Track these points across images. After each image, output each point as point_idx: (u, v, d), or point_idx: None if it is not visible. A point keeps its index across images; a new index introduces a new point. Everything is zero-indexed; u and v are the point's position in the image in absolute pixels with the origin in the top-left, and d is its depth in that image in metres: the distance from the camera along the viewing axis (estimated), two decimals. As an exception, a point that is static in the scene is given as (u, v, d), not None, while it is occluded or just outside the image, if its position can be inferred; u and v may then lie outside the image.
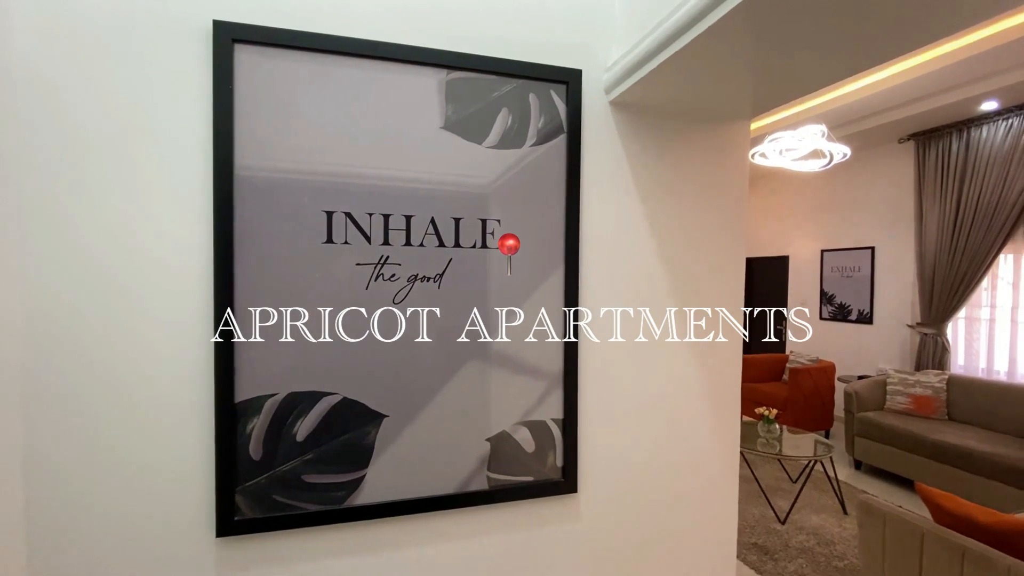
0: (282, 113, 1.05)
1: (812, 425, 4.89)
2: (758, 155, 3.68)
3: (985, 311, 4.26)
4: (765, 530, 3.10)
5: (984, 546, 1.68)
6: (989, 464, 3.26)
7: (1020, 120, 3.93)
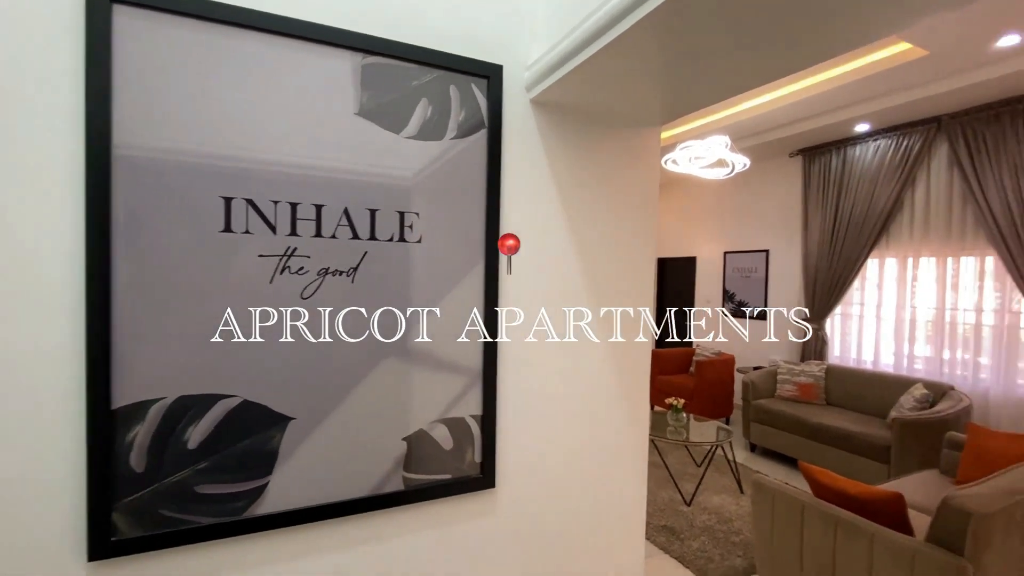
0: (172, 88, 0.94)
1: (715, 413, 5.30)
2: (670, 161, 3.92)
3: (856, 308, 4.86)
4: (673, 512, 3.31)
5: (853, 515, 1.91)
6: (858, 442, 3.73)
7: (886, 141, 4.51)
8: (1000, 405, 3.80)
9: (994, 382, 3.86)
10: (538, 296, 1.32)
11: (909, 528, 1.82)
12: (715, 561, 2.74)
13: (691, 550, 2.85)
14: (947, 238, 4.16)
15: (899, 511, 1.83)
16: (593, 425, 1.42)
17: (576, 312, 1.37)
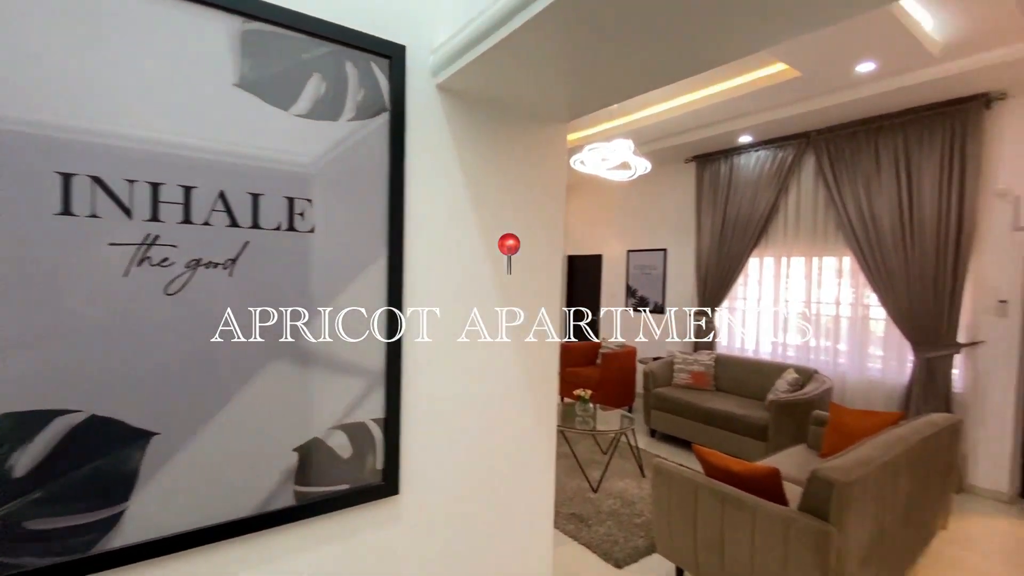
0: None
1: (619, 402, 5.59)
2: (579, 162, 4.04)
3: (740, 302, 5.37)
4: (581, 499, 3.43)
5: (738, 491, 2.08)
6: (742, 423, 4.12)
7: (765, 152, 5.01)
8: (855, 385, 4.40)
9: (850, 366, 4.45)
10: (445, 293, 1.26)
11: (784, 499, 2.02)
12: (620, 544, 2.87)
13: (598, 535, 2.96)
14: (813, 240, 4.72)
15: (776, 485, 2.02)
16: (502, 423, 1.40)
17: (484, 310, 1.34)
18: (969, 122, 3.66)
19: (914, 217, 3.93)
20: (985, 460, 3.70)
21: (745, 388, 4.72)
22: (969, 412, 3.76)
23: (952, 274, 3.74)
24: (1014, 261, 3.59)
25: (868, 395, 4.30)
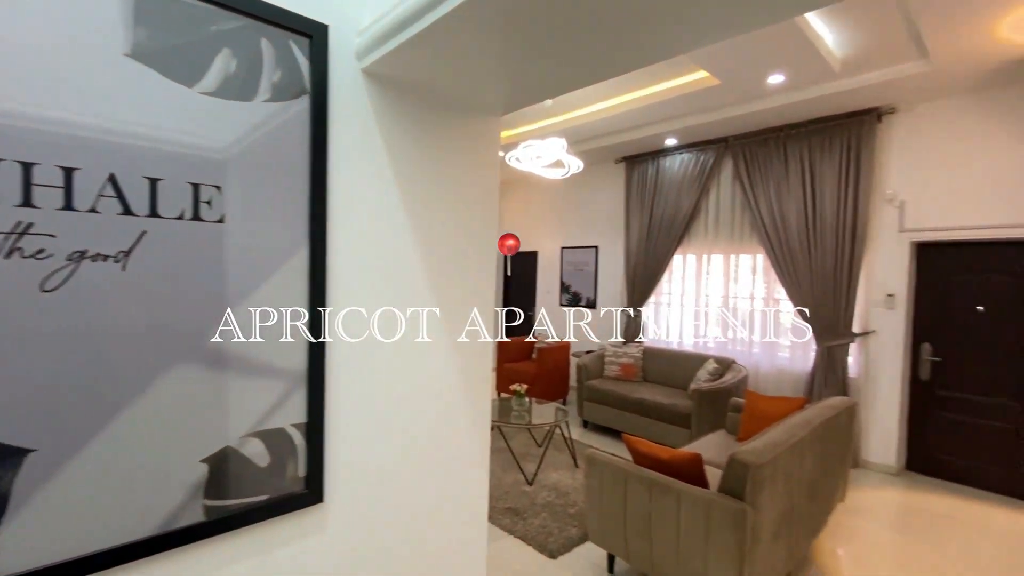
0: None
1: (554, 395, 5.70)
2: (514, 159, 4.05)
3: (665, 297, 5.64)
4: (517, 493, 3.45)
5: (665, 477, 2.18)
6: (668, 412, 4.33)
7: (688, 156, 5.29)
8: (767, 374, 4.77)
9: (762, 355, 4.82)
10: (374, 290, 1.21)
11: (706, 482, 2.14)
12: (554, 535, 2.92)
13: (533, 527, 3.00)
14: (730, 239, 5.05)
15: (698, 469, 2.14)
16: (434, 423, 1.36)
17: (415, 307, 1.29)
18: (864, 133, 4.06)
19: (817, 219, 4.31)
20: (876, 437, 4.15)
21: (670, 378, 4.98)
22: (862, 395, 4.20)
23: (848, 271, 4.14)
24: (900, 259, 4.04)
25: (778, 382, 4.68)
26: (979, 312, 3.78)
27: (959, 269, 3.87)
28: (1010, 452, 3.64)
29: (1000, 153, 3.57)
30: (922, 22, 2.78)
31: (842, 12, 2.89)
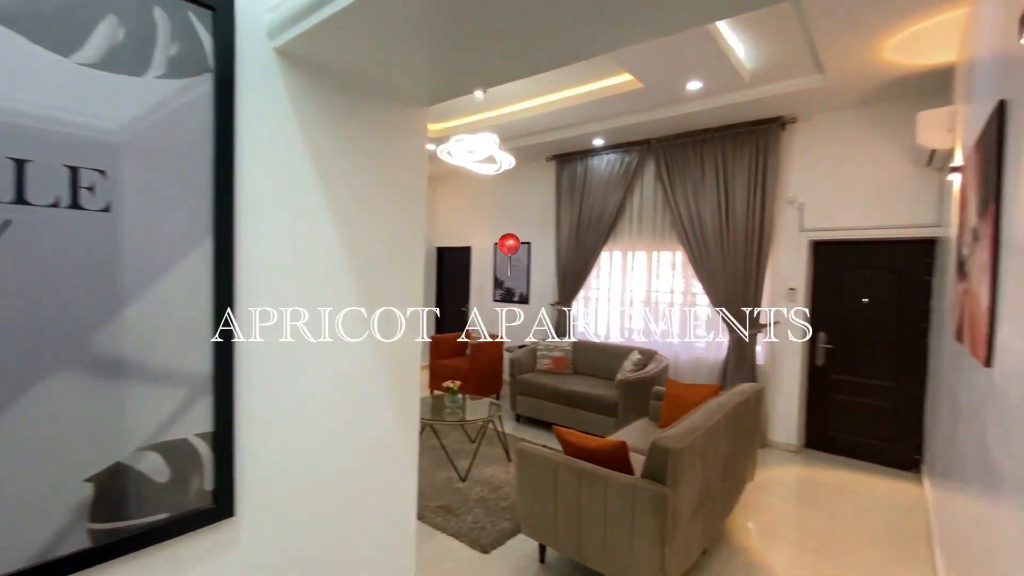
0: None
1: (488, 390, 5.71)
2: (445, 152, 3.99)
3: (594, 292, 5.83)
4: (450, 490, 3.42)
5: (593, 465, 2.24)
6: (596, 402, 4.48)
7: (614, 156, 5.48)
8: (685, 363, 5.07)
9: (681, 346, 5.11)
10: (289, 287, 1.13)
11: (631, 469, 2.23)
12: (487, 529, 2.93)
13: (466, 524, 2.98)
14: (652, 236, 5.31)
15: (623, 457, 2.22)
16: (359, 425, 1.31)
17: (336, 305, 1.23)
18: (770, 140, 4.41)
19: (729, 219, 4.63)
20: (780, 419, 4.54)
21: (599, 370, 5.16)
22: (768, 380, 4.58)
23: (756, 267, 4.49)
24: (800, 256, 4.44)
25: (695, 370, 4.99)
26: (864, 304, 4.25)
27: (848, 265, 4.32)
28: (890, 428, 4.13)
29: (881, 162, 4.03)
30: (819, 41, 3.05)
31: (752, 28, 3.11)
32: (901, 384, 4.08)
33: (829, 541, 2.92)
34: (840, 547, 2.85)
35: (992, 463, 1.47)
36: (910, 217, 3.90)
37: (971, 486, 1.85)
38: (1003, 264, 1.47)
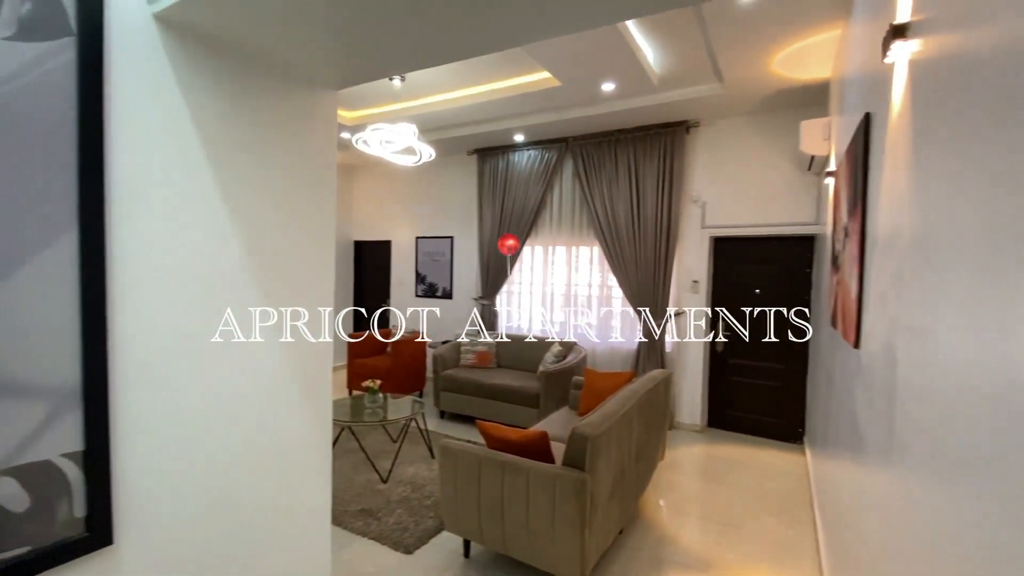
0: None
1: (410, 388, 5.59)
2: (361, 141, 3.82)
3: (516, 286, 5.90)
4: (371, 492, 3.31)
5: (515, 457, 2.27)
6: (519, 395, 4.55)
7: (534, 152, 5.56)
8: (602, 352, 5.29)
9: (598, 336, 5.33)
10: (176, 284, 1.02)
11: (552, 458, 2.29)
12: (410, 530, 2.87)
13: (388, 526, 2.90)
14: (571, 232, 5.47)
15: (545, 446, 2.27)
16: (260, 434, 1.21)
17: (232, 304, 1.13)
18: (676, 142, 4.70)
19: (641, 216, 4.89)
20: (686, 401, 4.89)
21: (522, 363, 5.24)
22: (675, 366, 4.91)
23: (664, 261, 4.79)
24: (702, 251, 4.79)
25: (611, 359, 5.23)
26: (757, 294, 4.68)
27: (743, 259, 4.74)
28: (779, 405, 4.60)
29: (771, 166, 4.45)
30: (719, 51, 3.29)
31: (661, 35, 3.29)
32: (787, 366, 4.56)
33: (730, 512, 3.19)
34: (739, 516, 3.13)
35: (859, 432, 1.68)
36: (794, 216, 4.35)
37: (842, 453, 2.11)
38: (868, 257, 1.68)
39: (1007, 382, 0.61)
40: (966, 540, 0.70)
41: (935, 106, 1.01)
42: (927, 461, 0.92)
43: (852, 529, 1.78)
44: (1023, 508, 0.54)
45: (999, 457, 0.61)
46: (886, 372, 1.32)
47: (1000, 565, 0.60)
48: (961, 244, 0.83)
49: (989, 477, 0.64)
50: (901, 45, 1.25)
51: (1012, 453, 0.57)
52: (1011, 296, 0.62)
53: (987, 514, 0.64)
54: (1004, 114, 0.69)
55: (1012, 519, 0.57)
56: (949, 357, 0.88)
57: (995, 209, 0.69)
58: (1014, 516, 0.56)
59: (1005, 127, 0.68)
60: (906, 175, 1.22)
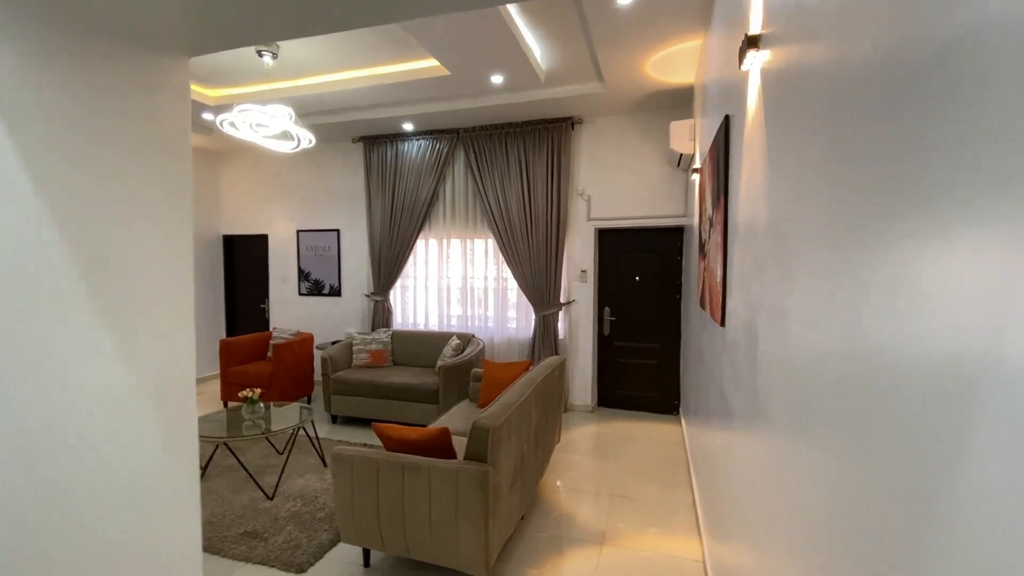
0: None
1: (298, 394, 5.19)
2: (227, 123, 3.41)
3: (411, 280, 5.74)
4: (254, 513, 3.02)
5: (415, 457, 2.20)
6: (417, 392, 4.44)
7: (425, 142, 5.43)
8: (500, 343, 5.36)
9: (495, 328, 5.39)
10: None
11: (454, 453, 2.26)
12: (302, 546, 2.67)
13: (276, 546, 2.67)
14: (466, 225, 5.45)
15: (446, 442, 2.24)
16: (109, 466, 1.02)
17: (62, 314, 0.93)
18: (563, 138, 4.89)
19: (532, 209, 5.02)
20: (578, 384, 5.16)
21: (419, 359, 5.12)
22: (568, 352, 5.14)
23: (555, 252, 4.97)
24: (589, 242, 5.06)
25: (509, 349, 5.33)
26: (637, 281, 5.07)
27: (624, 249, 5.10)
28: (657, 381, 5.04)
29: (646, 162, 4.82)
30: (599, 50, 3.47)
31: (546, 32, 3.37)
32: (664, 344, 5.01)
33: (620, 484, 3.43)
34: (628, 488, 3.38)
35: (727, 401, 1.88)
36: (667, 209, 4.77)
37: (713, 421, 2.36)
38: (731, 245, 1.89)
39: (847, 349, 0.71)
40: (820, 487, 0.81)
41: (781, 109, 1.15)
42: (786, 425, 1.05)
43: (723, 488, 2.00)
44: (860, 456, 0.63)
45: (843, 414, 0.71)
46: (749, 347, 1.49)
47: (845, 504, 0.69)
48: (807, 231, 0.95)
49: (836, 433, 0.75)
50: (754, 55, 1.40)
51: (853, 413, 0.67)
52: (847, 276, 0.72)
53: (833, 462, 0.74)
54: (829, 115, 0.80)
55: (852, 465, 0.66)
56: (800, 331, 1.01)
57: (831, 199, 0.80)
58: (854, 462, 0.65)
59: (830, 126, 0.79)
60: (761, 170, 1.38)
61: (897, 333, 0.56)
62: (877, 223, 0.62)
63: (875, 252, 0.63)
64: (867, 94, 0.67)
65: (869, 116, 0.66)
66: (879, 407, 0.60)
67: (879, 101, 0.63)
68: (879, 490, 0.59)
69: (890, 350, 0.57)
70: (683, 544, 2.69)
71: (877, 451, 0.60)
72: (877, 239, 0.62)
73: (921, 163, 0.52)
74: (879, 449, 0.59)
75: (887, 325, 0.58)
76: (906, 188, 0.55)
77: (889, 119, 0.60)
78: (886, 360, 0.58)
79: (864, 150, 0.67)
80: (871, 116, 0.65)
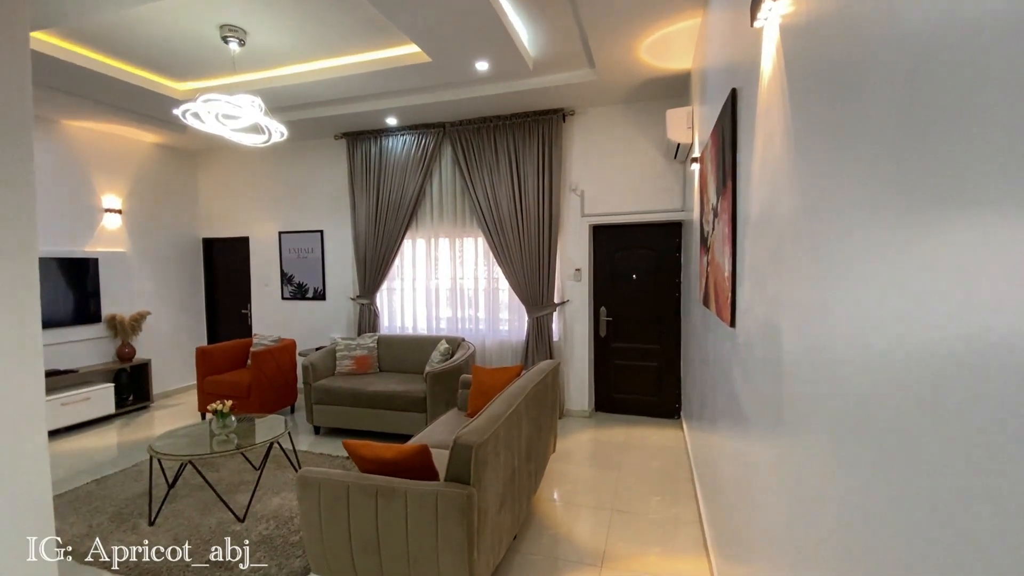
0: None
1: (279, 404, 4.93)
2: (190, 114, 3.16)
3: (398, 282, 5.50)
4: (223, 536, 2.77)
5: (389, 479, 1.96)
6: (403, 399, 4.19)
7: (410, 138, 5.18)
8: (492, 347, 5.12)
9: (487, 330, 5.15)
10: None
11: (435, 473, 2.02)
12: (272, 574, 2.42)
13: (244, 575, 2.42)
14: (454, 223, 5.21)
15: (426, 462, 2.00)
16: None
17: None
18: (554, 130, 4.66)
19: (523, 205, 4.78)
20: (574, 388, 4.92)
21: (406, 364, 4.87)
22: (563, 354, 4.91)
23: (548, 251, 4.74)
24: (583, 240, 4.83)
25: (502, 353, 5.09)
26: (633, 279, 4.85)
27: (620, 246, 4.87)
28: (657, 384, 4.81)
29: (641, 154, 4.59)
30: (591, 36, 3.24)
31: (533, 13, 3.14)
32: (663, 345, 4.78)
33: (620, 497, 3.20)
34: (629, 501, 3.15)
35: (741, 409, 1.66)
36: (664, 203, 4.54)
37: (722, 429, 2.14)
38: (740, 235, 1.66)
39: (907, 347, 0.48)
40: (850, 500, 0.58)
41: (814, 65, 0.92)
42: (827, 437, 0.83)
43: (735, 504, 1.78)
44: (899, 466, 0.41)
45: (895, 420, 0.49)
46: (768, 349, 1.27)
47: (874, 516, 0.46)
48: (858, 211, 0.72)
49: (881, 441, 0.52)
50: (771, 4, 1.18)
51: (909, 417, 0.45)
52: (898, 262, 0.50)
53: (868, 470, 0.52)
54: (885, 70, 0.57)
55: (889, 472, 0.43)
56: (840, 329, 0.78)
57: (898, 166, 0.58)
58: (891, 470, 0.43)
59: (886, 83, 0.56)
60: (781, 144, 1.15)
61: None
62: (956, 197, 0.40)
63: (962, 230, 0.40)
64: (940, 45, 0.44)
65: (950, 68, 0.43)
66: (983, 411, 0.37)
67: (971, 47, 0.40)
68: (975, 524, 0.36)
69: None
70: (689, 565, 2.46)
71: (962, 465, 0.37)
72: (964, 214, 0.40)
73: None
74: (965, 463, 0.37)
75: None
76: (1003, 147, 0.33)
77: None
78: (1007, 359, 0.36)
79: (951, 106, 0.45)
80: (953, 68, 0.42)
